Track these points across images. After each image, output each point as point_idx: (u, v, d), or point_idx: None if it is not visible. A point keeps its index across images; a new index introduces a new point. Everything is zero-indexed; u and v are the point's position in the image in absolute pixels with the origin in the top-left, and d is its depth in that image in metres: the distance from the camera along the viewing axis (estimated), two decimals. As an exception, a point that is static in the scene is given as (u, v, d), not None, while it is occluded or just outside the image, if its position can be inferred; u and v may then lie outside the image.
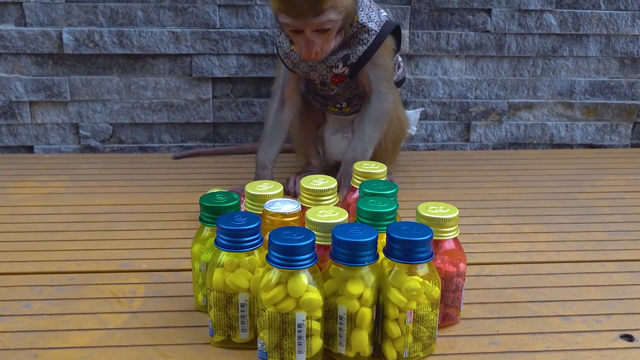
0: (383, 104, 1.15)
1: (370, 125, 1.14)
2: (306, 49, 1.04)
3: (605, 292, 0.88)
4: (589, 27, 1.47)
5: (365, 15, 1.11)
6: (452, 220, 0.74)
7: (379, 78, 1.14)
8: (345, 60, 1.12)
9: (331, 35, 1.04)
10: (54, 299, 0.84)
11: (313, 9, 0.99)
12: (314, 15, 1.00)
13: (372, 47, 1.11)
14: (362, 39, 1.11)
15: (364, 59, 1.12)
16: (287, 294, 0.66)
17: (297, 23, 1.01)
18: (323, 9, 0.99)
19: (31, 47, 1.38)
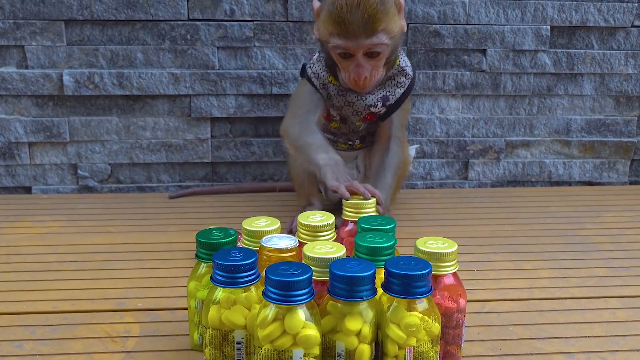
0: (403, 152, 1.20)
1: (391, 174, 1.18)
2: (356, 73, 1.06)
3: (609, 329, 0.87)
4: (583, 66, 1.49)
5: (403, 60, 1.17)
6: (451, 255, 0.73)
7: (401, 123, 1.19)
8: (385, 101, 1.16)
9: (381, 61, 1.07)
10: (46, 339, 0.82)
11: (367, 29, 1.02)
12: (367, 36, 1.02)
13: (407, 90, 1.17)
14: (400, 81, 1.16)
15: (400, 102, 1.17)
16: (284, 331, 0.64)
17: (349, 44, 1.04)
18: (377, 29, 1.02)
19: (32, 88, 1.39)
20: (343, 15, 1.02)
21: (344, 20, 1.02)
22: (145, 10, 1.37)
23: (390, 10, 1.04)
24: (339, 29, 1.03)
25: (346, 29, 1.02)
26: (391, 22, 1.05)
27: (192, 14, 1.39)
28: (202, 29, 1.40)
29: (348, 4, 1.02)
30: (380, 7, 1.02)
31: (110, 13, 1.36)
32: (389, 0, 1.04)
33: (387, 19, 1.04)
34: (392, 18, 1.05)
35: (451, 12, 1.43)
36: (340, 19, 1.02)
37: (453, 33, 1.44)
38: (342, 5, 1.02)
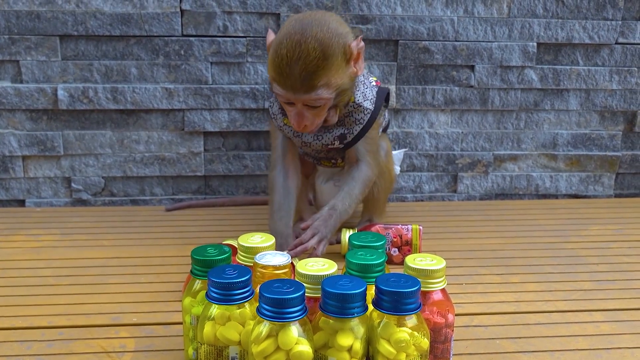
0: (370, 171, 1.17)
1: (359, 187, 1.15)
2: (296, 121, 1.05)
3: (593, 342, 0.89)
4: (568, 82, 1.53)
5: (361, 94, 1.13)
6: (439, 272, 0.75)
7: (367, 150, 1.16)
8: (342, 139, 1.14)
9: (322, 110, 1.05)
10: (43, 354, 0.83)
11: (305, 86, 0.99)
12: (305, 92, 1.00)
13: (366, 125, 1.14)
14: (357, 118, 1.13)
15: (359, 137, 1.15)
16: (277, 347, 0.66)
17: (288, 95, 1.02)
18: (315, 86, 1.00)
19: (26, 103, 1.41)
20: (283, 67, 0.99)
21: (284, 73, 0.99)
22: (139, 26, 1.39)
23: (334, 63, 1.00)
24: (279, 79, 1.01)
25: (285, 82, 1.00)
26: (335, 75, 1.01)
27: (186, 29, 1.41)
28: (196, 44, 1.42)
29: (289, 55, 0.98)
30: (321, 63, 0.98)
31: (104, 29, 1.38)
32: (334, 53, 0.99)
33: (330, 73, 1.00)
34: (336, 71, 1.01)
35: (440, 29, 1.46)
36: (281, 70, 0.99)
37: (442, 49, 1.47)
38: (283, 56, 0.98)
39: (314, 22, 1.00)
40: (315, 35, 0.98)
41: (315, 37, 0.98)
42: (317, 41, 0.98)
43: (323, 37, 0.99)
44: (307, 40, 0.98)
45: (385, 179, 1.26)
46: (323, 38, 0.98)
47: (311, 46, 0.97)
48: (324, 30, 0.99)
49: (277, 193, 1.17)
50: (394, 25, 1.44)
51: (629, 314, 0.98)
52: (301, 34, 0.98)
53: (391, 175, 1.28)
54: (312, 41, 0.98)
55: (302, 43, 0.98)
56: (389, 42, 1.46)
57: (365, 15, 1.43)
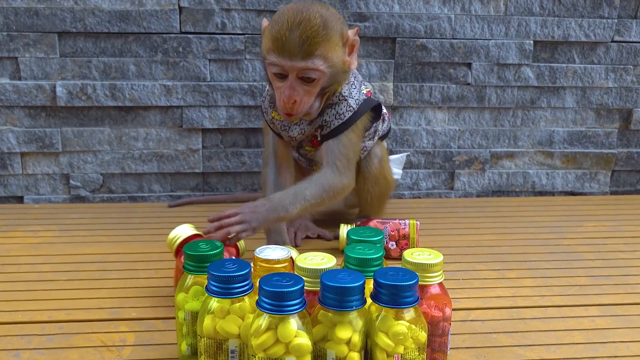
0: (335, 179, 1.09)
1: (312, 189, 1.06)
2: (287, 95, 1.02)
3: (589, 336, 0.90)
4: (565, 80, 1.53)
5: (347, 90, 1.12)
6: (437, 266, 0.76)
7: (339, 152, 1.10)
8: (320, 129, 1.12)
9: (315, 87, 1.03)
10: (43, 348, 0.84)
11: (303, 51, 0.99)
12: (302, 58, 1.00)
13: (346, 122, 1.11)
14: (340, 112, 1.11)
15: (336, 132, 1.11)
16: (276, 340, 0.67)
17: (284, 62, 1.00)
18: (313, 52, 1.00)
19: (25, 99, 1.41)
20: (282, 32, 0.99)
21: (282, 37, 0.99)
22: (138, 23, 1.39)
23: (332, 38, 1.01)
24: (275, 45, 1.00)
25: (282, 46, 1.00)
26: (331, 50, 1.01)
27: (185, 27, 1.41)
28: (194, 41, 1.42)
29: (289, 21, 0.99)
30: (321, 31, 0.99)
31: (103, 26, 1.39)
32: (333, 28, 1.01)
33: (327, 45, 1.01)
34: (334, 47, 1.02)
35: (437, 27, 1.46)
36: (279, 35, 1.00)
37: (439, 47, 1.48)
38: (283, 22, 1.00)
39: (315, 3, 1.04)
40: (317, 9, 1.01)
41: (317, 10, 1.01)
42: (318, 13, 1.01)
43: (324, 12, 1.02)
44: (309, 10, 1.00)
45: (380, 186, 1.25)
46: (324, 13, 1.02)
47: (312, 15, 1.00)
48: (324, 9, 1.03)
49: (270, 190, 1.17)
50: (392, 22, 1.45)
51: (624, 308, 0.99)
52: (303, 6, 1.01)
53: (387, 181, 1.26)
54: (313, 11, 1.00)
55: (304, 11, 1.00)
56: (387, 40, 1.47)
57: (363, 13, 1.44)
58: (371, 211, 1.28)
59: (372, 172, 1.23)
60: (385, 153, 1.28)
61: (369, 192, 1.24)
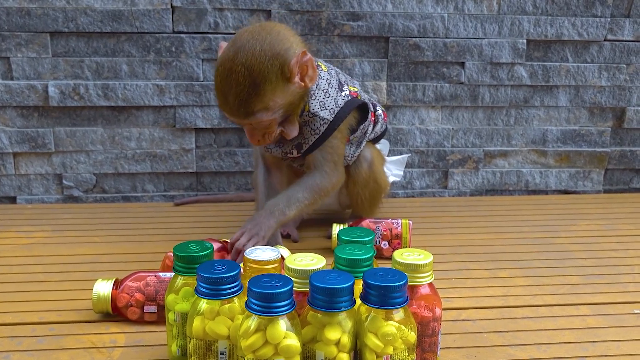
0: (324, 181, 1.13)
1: (303, 192, 1.11)
2: (249, 137, 1.05)
3: (580, 335, 0.90)
4: (558, 79, 1.54)
5: (318, 104, 1.09)
6: (426, 266, 0.76)
7: (325, 159, 1.13)
8: (299, 148, 1.13)
9: (271, 127, 1.04)
10: (33, 349, 0.84)
11: (242, 111, 0.99)
12: (244, 117, 1.00)
13: (323, 135, 1.11)
14: (314, 128, 1.10)
15: (315, 146, 1.12)
16: (265, 341, 0.67)
17: (232, 118, 1.03)
18: (252, 111, 0.99)
19: (17, 99, 1.41)
20: (219, 94, 1.00)
21: (221, 99, 1.00)
22: (130, 22, 1.39)
23: (267, 88, 0.97)
24: (219, 103, 1.02)
25: (225, 107, 1.01)
26: (273, 97, 0.99)
27: (177, 26, 1.41)
28: (187, 41, 1.42)
29: (222, 83, 0.99)
30: (252, 91, 0.97)
31: (95, 25, 1.38)
32: (265, 77, 0.97)
33: (265, 98, 0.98)
34: (274, 93, 0.99)
35: (431, 25, 1.46)
36: (219, 96, 1.01)
37: (432, 46, 1.48)
38: (217, 85, 1.00)
39: (247, 43, 0.98)
40: (245, 62, 0.96)
41: (245, 64, 0.96)
42: (246, 69, 0.96)
43: (252, 64, 0.96)
44: (237, 69, 0.96)
45: (370, 189, 1.24)
46: (252, 64, 0.96)
47: (241, 75, 0.96)
48: (255, 53, 0.97)
49: (261, 192, 1.19)
50: (385, 22, 1.45)
51: (616, 307, 0.99)
52: (232, 60, 0.97)
53: (378, 185, 1.25)
54: (241, 69, 0.96)
55: (232, 72, 0.97)
56: (380, 39, 1.47)
57: (356, 12, 1.44)
58: (363, 212, 1.28)
59: (361, 176, 1.23)
60: (378, 156, 1.26)
61: (359, 195, 1.24)
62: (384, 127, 1.29)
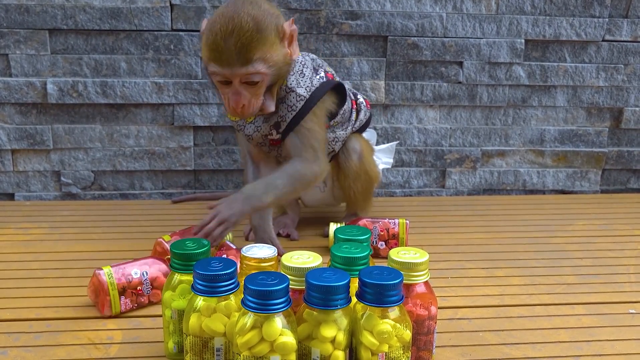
0: (305, 169, 1.10)
1: (282, 179, 1.09)
2: (234, 101, 1.02)
3: (574, 334, 0.91)
4: (556, 79, 1.54)
5: (294, 80, 1.10)
6: (422, 265, 0.76)
7: (304, 144, 1.11)
8: (277, 128, 1.11)
9: (259, 89, 1.03)
10: (30, 345, 0.84)
11: (241, 58, 0.98)
12: (241, 64, 0.99)
13: (300, 113, 1.10)
14: (289, 104, 1.10)
15: (292, 125, 1.11)
16: (261, 338, 0.67)
17: (225, 72, 1.00)
18: (251, 58, 0.99)
19: (15, 96, 1.41)
20: (217, 42, 0.98)
21: (218, 47, 0.98)
22: (129, 20, 1.39)
23: (268, 37, 1.00)
24: (214, 55, 0.99)
25: (220, 56, 0.99)
26: (270, 50, 1.00)
27: (176, 24, 1.41)
28: (186, 39, 1.42)
29: (222, 30, 0.98)
30: (255, 35, 0.98)
31: (94, 23, 1.38)
32: (267, 28, 0.99)
33: (265, 47, 0.99)
34: (271, 46, 1.00)
35: (429, 25, 1.47)
36: (215, 46, 0.99)
37: (431, 45, 1.48)
38: (217, 31, 0.98)
39: (245, 2, 1.01)
40: (248, 11, 0.99)
41: (248, 13, 0.99)
42: (249, 16, 0.99)
43: (255, 14, 0.99)
44: (240, 15, 0.98)
45: (362, 181, 1.23)
46: (255, 14, 0.99)
47: (244, 20, 0.98)
48: (255, 8, 1.00)
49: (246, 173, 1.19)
50: (383, 21, 1.45)
51: (611, 307, 0.99)
52: (233, 11, 0.99)
53: (369, 177, 1.25)
54: (245, 16, 0.98)
55: (235, 17, 0.98)
56: (378, 38, 1.47)
57: (355, 11, 1.44)
58: (357, 207, 1.28)
59: (351, 168, 1.22)
60: (367, 147, 1.26)
61: (351, 188, 1.24)
62: (367, 114, 1.28)
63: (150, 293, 0.94)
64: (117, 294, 0.91)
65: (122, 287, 0.91)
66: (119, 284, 0.91)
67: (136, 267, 0.94)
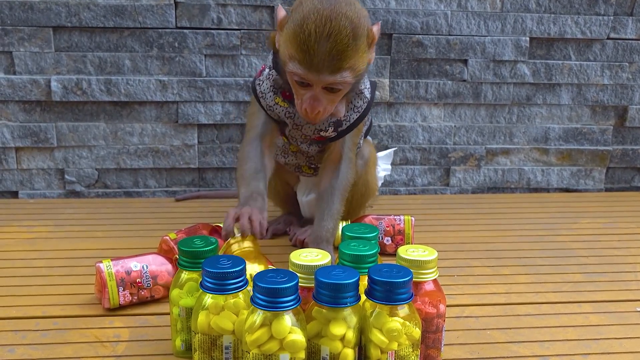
0: (350, 173, 1.10)
1: (339, 199, 1.08)
2: (310, 105, 0.95)
3: (582, 333, 0.90)
4: (560, 77, 1.54)
5: (362, 82, 1.06)
6: (431, 262, 0.76)
7: (352, 142, 1.09)
8: (337, 126, 1.06)
9: (339, 97, 0.97)
10: (37, 343, 0.84)
11: (332, 65, 0.91)
12: (331, 72, 0.91)
13: (362, 114, 1.07)
14: (356, 105, 1.06)
15: (354, 126, 1.07)
16: (271, 336, 0.67)
17: (310, 76, 0.92)
18: (343, 67, 0.92)
19: (19, 94, 1.40)
20: (310, 43, 0.89)
21: (309, 50, 0.90)
22: (133, 18, 1.39)
23: (361, 46, 0.93)
24: (301, 57, 0.91)
25: (310, 60, 0.91)
26: (360, 58, 0.94)
27: (180, 22, 1.41)
28: (190, 36, 1.42)
29: (317, 32, 0.89)
30: (352, 43, 0.91)
31: (98, 20, 1.38)
32: (361, 34, 0.92)
33: (357, 55, 0.93)
34: (362, 54, 0.94)
35: (434, 23, 1.46)
36: (306, 47, 0.90)
37: (435, 43, 1.48)
38: (310, 32, 0.89)
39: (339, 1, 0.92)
40: (345, 13, 0.90)
41: (346, 15, 0.90)
42: (347, 19, 0.90)
43: (353, 16, 0.91)
44: (338, 17, 0.89)
45: (359, 189, 1.18)
46: (353, 17, 0.91)
47: (342, 24, 0.89)
48: (351, 9, 0.92)
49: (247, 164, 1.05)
50: (388, 19, 1.45)
51: (617, 305, 0.99)
52: (330, 9, 0.90)
53: (366, 187, 1.20)
54: (343, 19, 0.90)
55: (333, 19, 0.89)
56: (383, 36, 1.47)
57: (359, 9, 1.44)
58: (351, 212, 1.21)
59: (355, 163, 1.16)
60: (373, 157, 1.22)
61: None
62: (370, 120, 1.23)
63: (151, 287, 0.94)
64: (115, 284, 0.90)
65: (121, 278, 0.91)
66: (117, 275, 0.91)
67: (136, 261, 0.94)
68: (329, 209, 1.08)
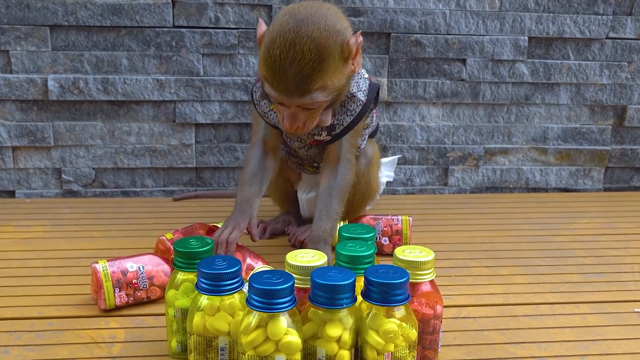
0: (349, 174, 1.10)
1: (337, 199, 1.08)
2: (288, 122, 0.96)
3: (580, 334, 0.90)
4: (559, 77, 1.53)
5: (355, 84, 1.05)
6: (428, 263, 0.76)
7: (351, 144, 1.09)
8: (331, 130, 1.06)
9: (317, 112, 0.97)
10: (32, 344, 0.83)
11: (299, 89, 0.91)
12: (299, 96, 0.92)
13: (356, 118, 1.06)
14: (349, 109, 1.05)
15: (348, 129, 1.07)
16: (266, 337, 0.67)
17: (281, 98, 0.94)
18: (310, 89, 0.92)
19: (16, 93, 1.40)
20: (276, 69, 0.90)
21: (276, 75, 0.91)
22: (130, 16, 1.38)
23: (330, 65, 0.92)
24: (271, 80, 0.92)
25: (278, 83, 0.91)
26: (332, 77, 0.93)
27: (178, 21, 1.40)
28: (187, 35, 1.41)
29: (282, 57, 0.89)
30: (317, 66, 0.90)
31: (95, 19, 1.37)
32: (330, 54, 0.91)
33: (326, 76, 0.92)
34: (334, 72, 0.93)
35: (432, 22, 1.46)
36: (273, 72, 0.91)
37: (434, 43, 1.47)
38: (275, 57, 0.90)
39: (309, 17, 0.91)
40: (311, 34, 0.90)
41: (311, 36, 0.90)
42: (312, 41, 0.89)
43: (319, 37, 0.90)
44: (302, 41, 0.89)
45: (360, 188, 1.17)
46: (319, 37, 0.90)
47: (306, 47, 0.89)
48: (320, 27, 0.91)
49: (249, 167, 1.09)
50: (386, 18, 1.44)
51: (616, 306, 0.99)
52: (295, 32, 0.90)
53: (368, 187, 1.19)
54: (307, 41, 0.89)
55: (297, 43, 0.89)
56: (381, 35, 1.46)
57: (358, 8, 1.43)
58: (351, 212, 1.21)
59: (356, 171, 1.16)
60: (377, 158, 1.22)
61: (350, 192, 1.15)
62: (376, 122, 1.24)
63: (148, 288, 0.93)
64: (111, 285, 0.90)
65: (117, 279, 0.91)
66: (113, 276, 0.90)
67: (132, 262, 0.93)
68: (327, 209, 1.08)
